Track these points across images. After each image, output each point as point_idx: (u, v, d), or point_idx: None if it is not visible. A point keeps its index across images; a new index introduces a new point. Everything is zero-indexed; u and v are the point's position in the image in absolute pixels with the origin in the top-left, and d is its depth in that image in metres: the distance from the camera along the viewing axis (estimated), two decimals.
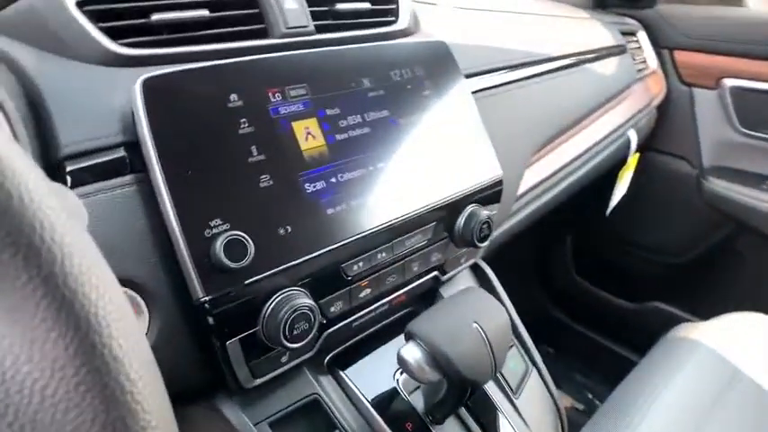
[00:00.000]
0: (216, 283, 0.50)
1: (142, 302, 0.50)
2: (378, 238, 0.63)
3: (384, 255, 0.64)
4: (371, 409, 0.65)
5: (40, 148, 0.49)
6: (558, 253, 1.88)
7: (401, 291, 0.70)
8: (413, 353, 0.56)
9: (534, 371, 0.80)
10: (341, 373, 0.67)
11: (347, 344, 0.70)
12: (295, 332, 0.54)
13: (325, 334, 0.63)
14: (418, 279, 0.72)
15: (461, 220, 0.72)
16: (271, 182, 0.55)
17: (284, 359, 0.59)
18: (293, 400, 0.62)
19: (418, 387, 0.69)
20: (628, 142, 1.34)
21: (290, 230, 0.56)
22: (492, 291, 0.85)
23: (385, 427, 0.64)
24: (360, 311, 0.66)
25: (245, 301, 0.52)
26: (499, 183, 0.79)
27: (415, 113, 0.70)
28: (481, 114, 0.79)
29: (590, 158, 1.19)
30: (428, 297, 0.79)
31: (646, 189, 1.59)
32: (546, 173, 1.02)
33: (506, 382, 0.75)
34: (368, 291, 0.65)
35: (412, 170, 0.67)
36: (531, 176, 0.98)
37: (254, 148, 0.55)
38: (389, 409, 0.66)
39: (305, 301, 0.54)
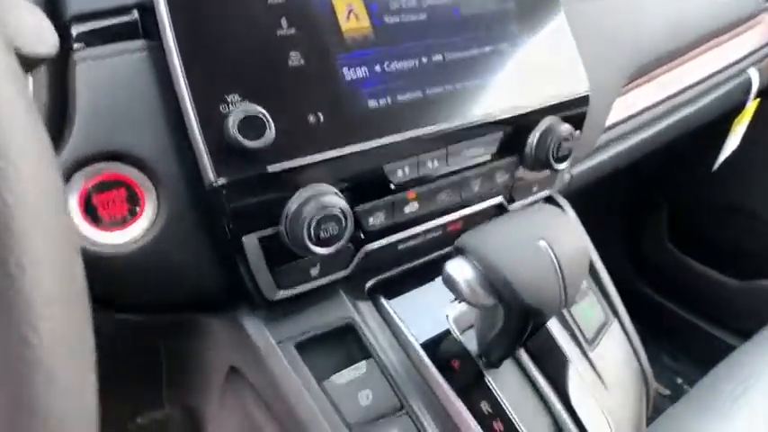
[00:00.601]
0: (230, 166, 0.43)
1: (150, 185, 0.44)
2: (429, 143, 0.54)
3: (436, 164, 0.55)
4: (414, 342, 0.56)
5: (47, 4, 0.44)
6: (652, 219, 1.68)
7: (457, 213, 0.60)
8: (462, 270, 0.46)
9: (616, 323, 0.67)
10: (383, 301, 0.59)
11: (392, 271, 0.62)
12: (322, 235, 0.46)
13: (364, 251, 0.54)
14: (479, 202, 0.62)
15: (536, 135, 0.61)
16: (302, 61, 0.48)
17: (314, 272, 0.52)
18: (324, 323, 0.55)
19: (472, 326, 0.59)
20: (748, 84, 1.13)
21: (321, 119, 0.48)
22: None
23: (428, 361, 0.55)
24: (406, 230, 0.57)
25: (265, 191, 0.45)
26: (584, 100, 0.66)
27: (486, 5, 0.59)
28: (568, 18, 0.67)
29: (697, 97, 1.01)
30: None
31: (763, 145, 1.37)
32: (640, 105, 0.87)
33: (579, 328, 0.64)
34: (415, 205, 0.55)
35: (476, 70, 0.57)
36: (622, 108, 0.84)
37: (284, 20, 0.47)
38: (435, 345, 0.57)
39: (335, 200, 0.46)
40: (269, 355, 0.51)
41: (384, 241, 0.56)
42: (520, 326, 0.49)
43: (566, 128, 0.61)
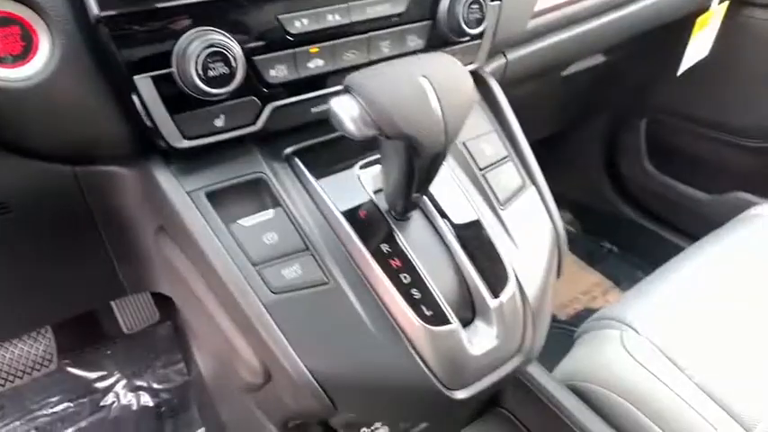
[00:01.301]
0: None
1: (43, 24, 0.47)
2: None
3: (338, 17, 0.57)
4: (323, 194, 0.59)
5: None
6: (630, 139, 1.67)
7: None
8: (346, 105, 0.48)
9: (533, 189, 0.70)
10: (297, 161, 0.62)
11: (312, 140, 0.64)
12: (211, 73, 0.49)
13: (272, 107, 0.57)
14: None
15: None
16: None
17: (219, 123, 0.55)
18: (236, 175, 0.58)
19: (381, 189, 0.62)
20: None
21: None
22: (498, 112, 0.74)
23: (335, 209, 0.58)
24: (314, 90, 0.59)
25: (152, 28, 0.48)
26: None
27: None
28: None
29: None
30: None
31: (735, 54, 1.35)
32: None
33: (492, 191, 0.66)
34: (320, 62, 0.58)
35: None
36: None
37: None
38: (345, 199, 0.60)
39: (221, 38, 0.48)
40: (179, 203, 0.55)
41: (293, 100, 0.58)
42: (408, 163, 0.51)
43: None
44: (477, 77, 0.75)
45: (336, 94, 0.49)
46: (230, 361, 0.60)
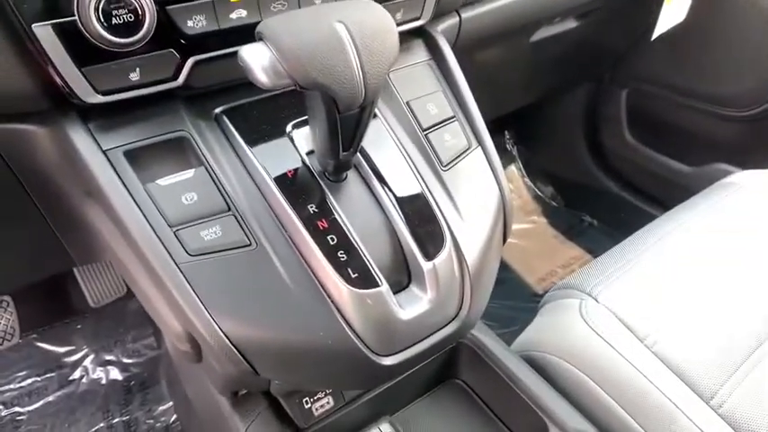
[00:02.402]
0: None
1: None
2: None
3: None
4: (250, 153, 0.57)
5: None
6: (610, 109, 1.64)
7: None
8: (256, 52, 0.45)
9: (478, 150, 0.67)
10: (226, 120, 0.59)
11: (243, 101, 0.61)
12: (115, 21, 0.46)
13: (193, 60, 0.54)
14: None
15: None
16: None
17: (134, 77, 0.52)
18: (158, 134, 0.55)
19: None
20: None
21: None
22: (447, 73, 0.70)
23: (261, 168, 0.56)
24: (241, 43, 0.56)
25: None
26: None
27: None
28: None
29: None
30: None
31: (713, 19, 1.31)
32: None
33: (434, 151, 0.63)
34: (243, 12, 0.54)
35: None
36: None
37: None
38: (273, 159, 0.57)
39: None
40: (94, 163, 0.52)
41: (217, 52, 0.55)
42: (331, 117, 0.49)
43: None
44: (424, 35, 0.72)
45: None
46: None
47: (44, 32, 0.46)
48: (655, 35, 1.20)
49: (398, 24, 0.65)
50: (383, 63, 0.47)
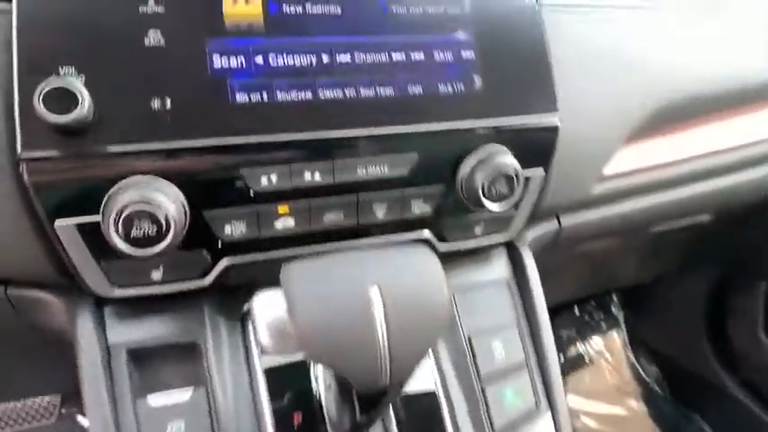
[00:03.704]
0: (41, 140, 0.40)
1: None
2: (309, 151, 0.46)
3: (317, 177, 0.47)
4: (262, 381, 0.48)
5: None
6: (743, 301, 1.39)
7: (360, 241, 0.52)
8: (266, 312, 0.38)
9: (547, 417, 0.53)
10: (251, 329, 0.52)
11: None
12: (134, 234, 0.41)
13: (224, 263, 0.48)
14: (393, 232, 0.53)
15: (469, 163, 0.50)
16: (161, 41, 0.43)
17: (156, 275, 0.47)
18: (169, 335, 0.49)
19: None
20: None
21: (168, 106, 0.42)
22: (526, 290, 0.59)
23: (267, 409, 0.47)
24: (284, 248, 0.50)
25: (79, 174, 0.41)
26: (549, 131, 0.54)
27: (426, 4, 0.50)
28: (567, 37, 0.56)
29: (733, 168, 0.76)
30: None
31: None
32: (654, 161, 0.69)
33: (488, 414, 0.51)
34: (290, 221, 0.48)
35: (394, 77, 0.48)
36: (635, 156, 0.67)
37: None
38: (288, 391, 0.49)
39: (149, 194, 0.40)
40: (89, 365, 0.47)
41: (250, 257, 0.49)
42: (344, 391, 0.39)
43: (508, 162, 0.50)
44: (508, 246, 0.61)
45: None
46: None
47: (64, 227, 0.43)
48: None
49: (476, 237, 0.56)
50: (420, 346, 0.38)
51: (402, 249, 0.40)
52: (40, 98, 0.38)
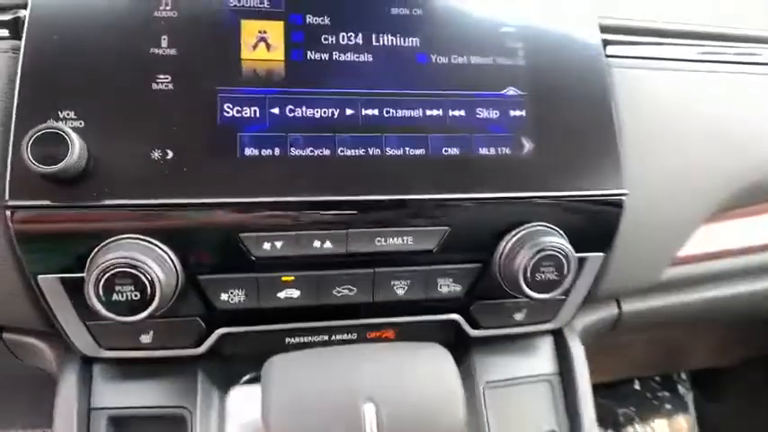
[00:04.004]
0: (30, 189, 0.37)
1: None
2: (320, 214, 0.40)
3: (329, 245, 0.41)
4: None
5: None
6: None
7: (379, 319, 0.46)
8: (242, 402, 0.32)
9: None
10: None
11: None
12: (115, 297, 0.36)
13: (219, 332, 0.43)
14: (416, 314, 0.46)
15: (508, 242, 0.43)
16: (170, 85, 0.39)
17: (146, 339, 0.42)
18: (157, 404, 0.44)
19: None
20: None
21: (169, 157, 0.38)
22: (571, 389, 0.51)
23: None
24: (287, 322, 0.44)
25: (67, 229, 0.38)
26: (612, 208, 0.46)
27: (470, 53, 0.44)
28: (620, 92, 0.48)
29: None
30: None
31: None
32: (732, 244, 0.58)
33: None
34: (294, 292, 0.42)
35: (430, 134, 0.42)
36: (714, 237, 0.57)
37: (165, 38, 0.40)
38: None
39: (134, 255, 0.36)
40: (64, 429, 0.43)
41: (253, 328, 0.44)
42: None
43: (556, 242, 0.42)
44: (556, 332, 0.53)
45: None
46: None
47: (48, 283, 0.39)
48: None
49: (516, 324, 0.48)
50: None
51: (409, 350, 0.34)
52: (28, 145, 0.35)
